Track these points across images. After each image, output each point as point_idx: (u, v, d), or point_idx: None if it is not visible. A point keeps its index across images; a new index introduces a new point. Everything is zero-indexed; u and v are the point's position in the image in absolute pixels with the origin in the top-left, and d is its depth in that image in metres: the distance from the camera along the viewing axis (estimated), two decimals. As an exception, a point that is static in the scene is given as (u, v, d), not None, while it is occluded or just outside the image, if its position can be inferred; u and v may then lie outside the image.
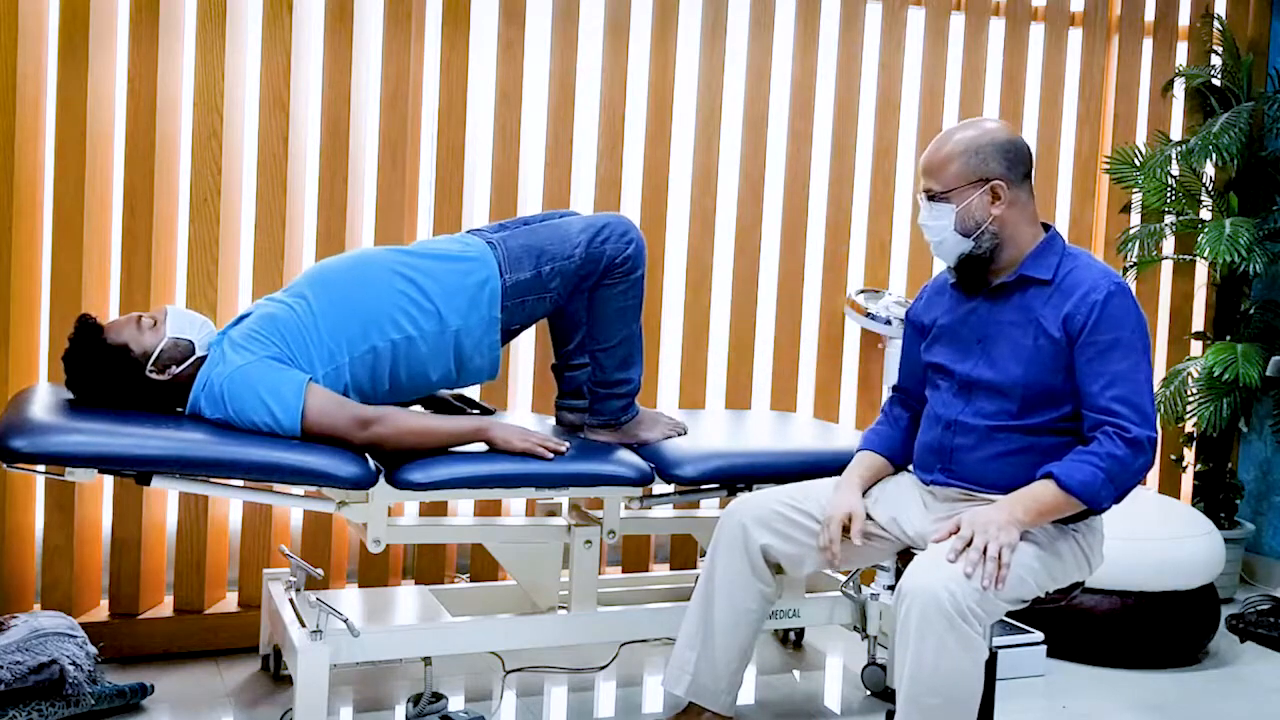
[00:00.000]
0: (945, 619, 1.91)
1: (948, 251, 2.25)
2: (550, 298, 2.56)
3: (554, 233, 2.57)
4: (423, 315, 2.45)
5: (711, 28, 3.40)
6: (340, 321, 2.41)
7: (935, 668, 1.93)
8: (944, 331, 2.34)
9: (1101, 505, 2.09)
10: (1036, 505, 2.07)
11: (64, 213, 2.80)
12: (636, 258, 2.57)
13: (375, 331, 2.42)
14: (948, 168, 2.22)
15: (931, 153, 2.24)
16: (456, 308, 2.47)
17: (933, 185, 2.23)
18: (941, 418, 2.29)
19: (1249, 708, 2.89)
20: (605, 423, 2.67)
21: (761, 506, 2.31)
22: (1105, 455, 2.07)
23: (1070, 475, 2.06)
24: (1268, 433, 4.05)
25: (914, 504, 2.34)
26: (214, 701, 2.67)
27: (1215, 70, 3.97)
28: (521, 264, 2.53)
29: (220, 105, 2.91)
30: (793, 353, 3.56)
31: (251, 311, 2.47)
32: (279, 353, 2.36)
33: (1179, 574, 3.13)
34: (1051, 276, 2.20)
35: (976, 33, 3.71)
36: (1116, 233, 3.93)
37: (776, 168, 3.54)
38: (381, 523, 2.43)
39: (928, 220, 2.24)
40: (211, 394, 2.34)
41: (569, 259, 2.53)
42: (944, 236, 2.23)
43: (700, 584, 2.35)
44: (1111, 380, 2.10)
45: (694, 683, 2.32)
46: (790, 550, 2.30)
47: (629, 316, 2.62)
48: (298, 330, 2.39)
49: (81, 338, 2.35)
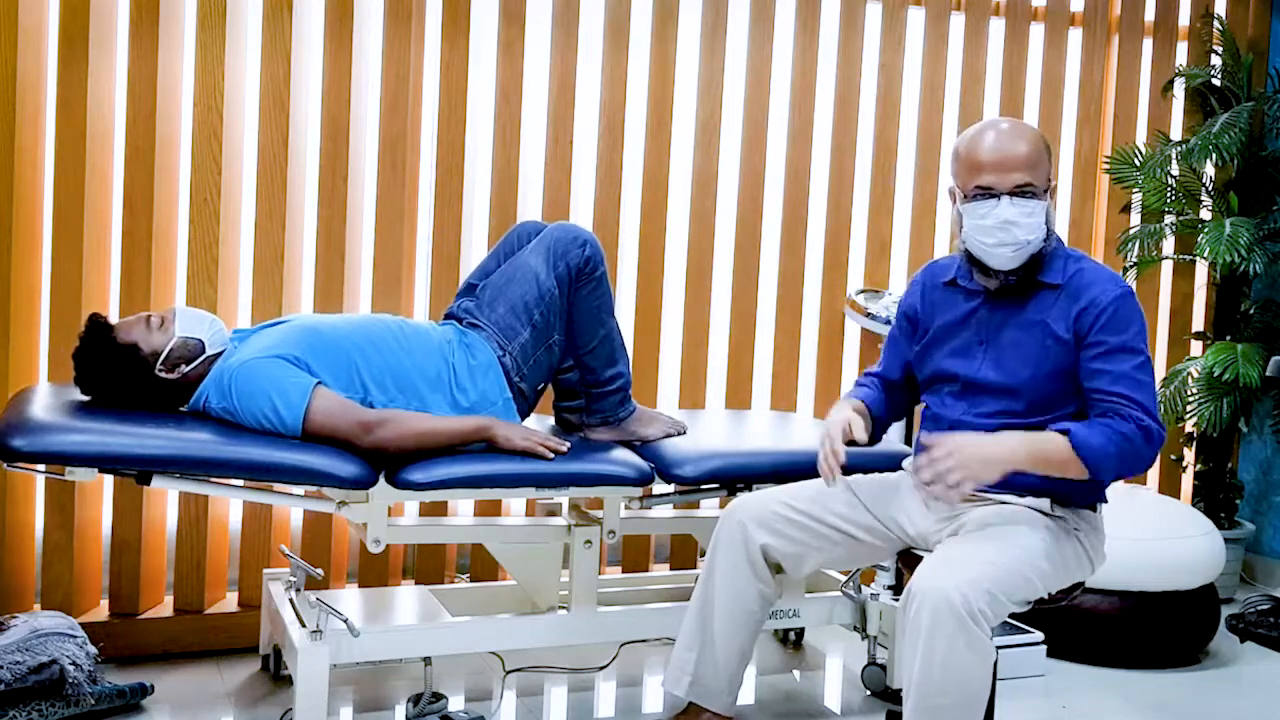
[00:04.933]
0: (956, 619, 1.90)
1: (1027, 253, 2.15)
2: (555, 343, 2.59)
3: (521, 278, 2.58)
4: (445, 400, 2.48)
5: (711, 28, 3.40)
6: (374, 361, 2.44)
7: (945, 668, 1.92)
8: (943, 333, 2.32)
9: (1100, 476, 2.07)
10: (1041, 454, 2.06)
11: (64, 213, 2.80)
12: (595, 258, 2.59)
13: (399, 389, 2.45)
14: (1041, 164, 2.14)
15: (1016, 148, 2.12)
16: (476, 403, 2.50)
17: (1029, 180, 2.11)
18: (943, 419, 2.27)
19: (1249, 708, 2.89)
20: (604, 420, 2.67)
21: (761, 506, 2.31)
22: (1120, 433, 2.06)
23: (1086, 439, 2.05)
24: (1268, 433, 4.05)
25: (914, 504, 2.33)
26: (214, 701, 2.67)
27: (1215, 70, 3.97)
28: (515, 329, 2.55)
29: (220, 105, 2.91)
30: (793, 353, 3.56)
31: (288, 320, 2.51)
32: (299, 358, 2.37)
33: (1179, 574, 3.13)
34: (1061, 280, 2.18)
35: (976, 33, 3.71)
36: (1116, 233, 3.93)
37: (776, 168, 3.53)
38: (381, 523, 2.43)
39: (1021, 218, 2.10)
40: (221, 382, 2.35)
41: (549, 294, 2.55)
42: (1035, 235, 2.13)
43: (700, 585, 2.35)
44: (1121, 377, 2.10)
45: (694, 683, 2.32)
46: (790, 550, 2.29)
47: (603, 314, 2.63)
48: (330, 347, 2.41)
49: (91, 336, 2.37)
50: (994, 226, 2.12)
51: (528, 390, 2.59)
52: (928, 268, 2.43)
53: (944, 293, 2.34)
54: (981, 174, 2.13)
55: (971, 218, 2.15)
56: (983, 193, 2.13)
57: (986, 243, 2.14)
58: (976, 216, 2.14)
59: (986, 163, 2.12)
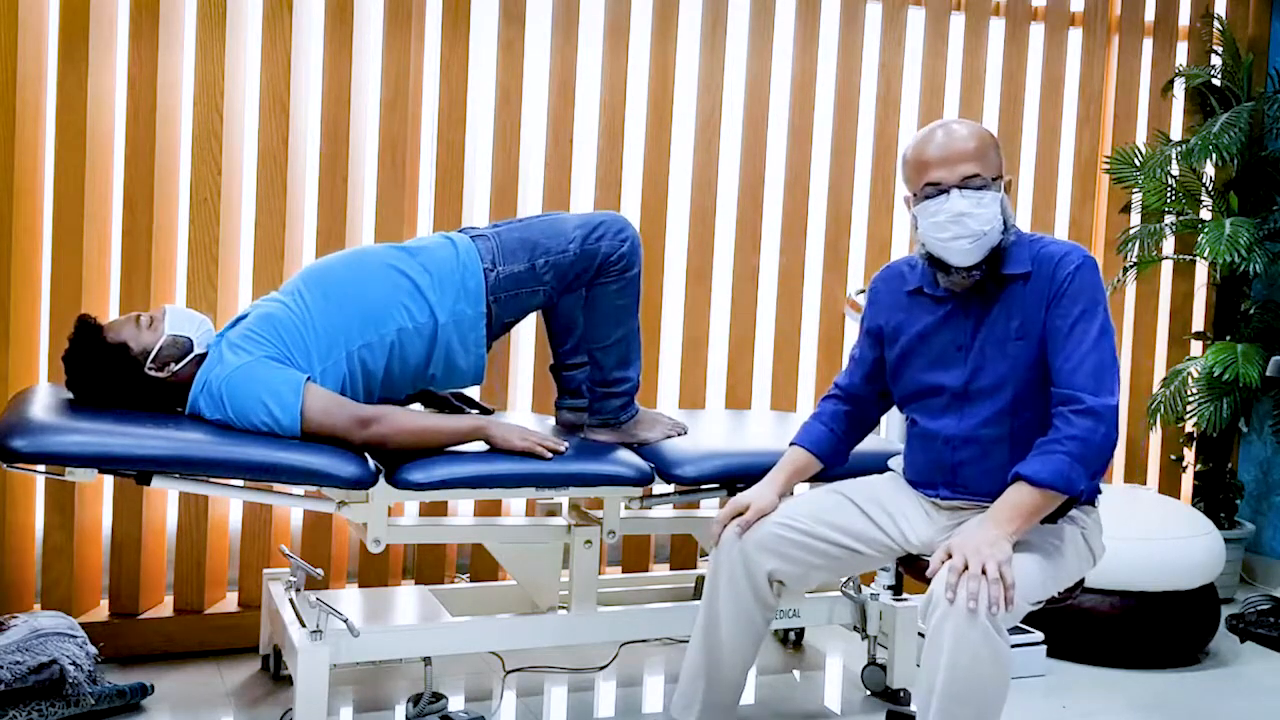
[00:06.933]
0: (980, 629, 1.88)
1: (985, 245, 2.11)
2: (544, 291, 2.56)
3: (549, 227, 2.58)
4: (416, 308, 2.46)
5: (711, 28, 3.40)
6: (337, 315, 2.42)
7: (969, 676, 1.89)
8: (916, 345, 2.26)
9: (1078, 490, 2.03)
10: (1018, 512, 2.01)
11: (64, 213, 2.80)
12: (632, 256, 2.57)
13: (372, 325, 2.43)
14: (989, 156, 2.12)
15: (960, 140, 2.11)
16: (445, 302, 2.48)
17: (976, 170, 2.09)
18: (938, 434, 2.23)
19: (1249, 708, 2.89)
20: (604, 422, 2.67)
21: (759, 530, 2.24)
22: (1065, 439, 2.03)
23: (1038, 471, 2.02)
24: (1268, 433, 4.05)
25: (916, 512, 2.30)
26: (214, 701, 2.67)
27: (1215, 70, 3.97)
28: (515, 256, 2.53)
29: (220, 105, 2.91)
30: (793, 353, 3.56)
31: (249, 313, 2.47)
32: (277, 352, 2.37)
33: (1179, 574, 3.13)
34: (1028, 268, 2.15)
35: (976, 33, 3.71)
36: (1116, 233, 3.93)
37: (776, 167, 3.53)
38: (381, 523, 2.43)
39: (973, 209, 2.08)
40: (210, 395, 2.34)
41: (563, 253, 2.54)
42: (992, 226, 2.10)
43: (703, 612, 2.27)
44: (1075, 352, 2.08)
45: (704, 711, 2.27)
46: (795, 571, 2.24)
47: (626, 315, 2.62)
48: (294, 327, 2.40)
49: (81, 337, 2.36)
50: (947, 220, 2.10)
51: (497, 315, 2.54)
52: (882, 278, 2.37)
53: (909, 302, 2.29)
54: (929, 171, 2.12)
55: (925, 217, 2.13)
56: (933, 189, 2.12)
57: (942, 238, 2.11)
58: (929, 215, 2.12)
59: (932, 159, 2.12)
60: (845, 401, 2.43)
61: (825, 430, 2.41)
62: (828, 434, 2.40)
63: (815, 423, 2.43)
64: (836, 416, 2.42)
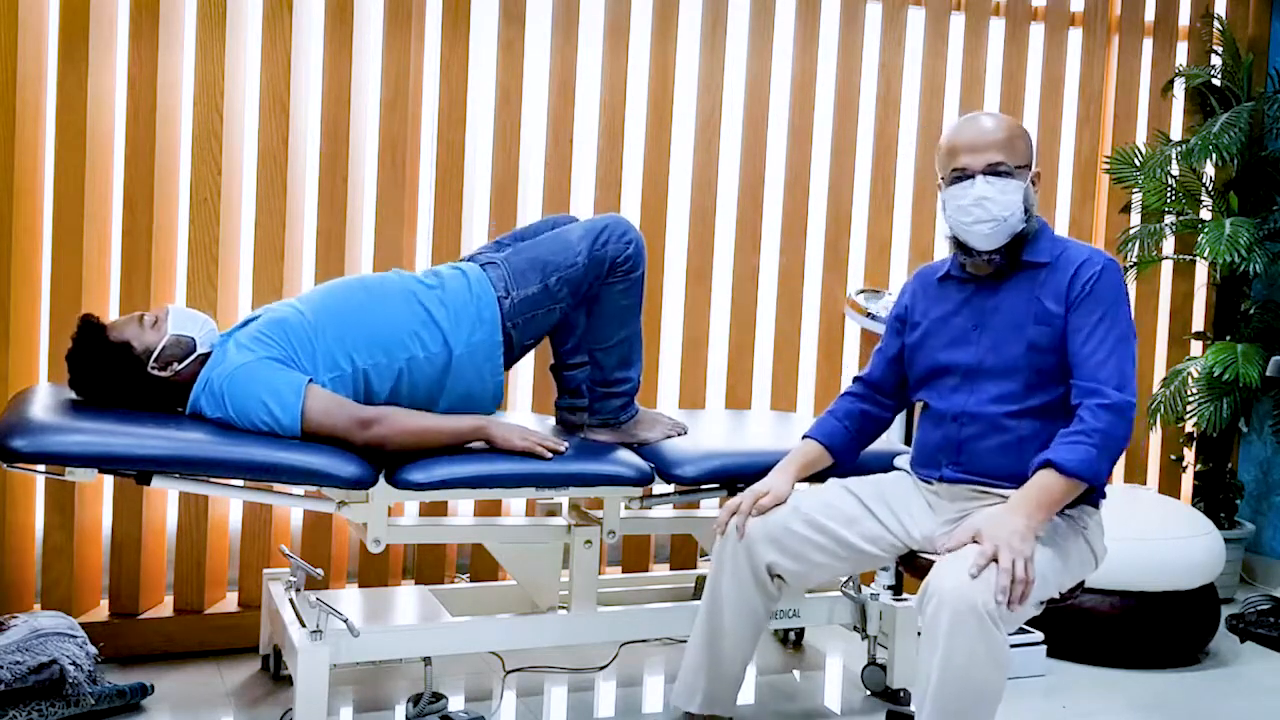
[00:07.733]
0: (977, 622, 1.89)
1: (1007, 231, 2.20)
2: (560, 308, 2.58)
3: (555, 243, 2.59)
4: (430, 338, 2.47)
5: (711, 28, 3.40)
6: (349, 331, 2.43)
7: (965, 671, 1.90)
8: (937, 327, 2.33)
9: (1101, 480, 2.08)
10: (1047, 499, 2.05)
11: (64, 213, 2.80)
12: (636, 257, 2.59)
13: (381, 348, 2.44)
14: (1017, 144, 2.21)
15: (988, 129, 2.20)
16: (460, 334, 2.49)
17: (1004, 159, 2.18)
18: (946, 412, 2.27)
19: (1249, 708, 2.89)
20: (604, 422, 2.67)
21: (764, 522, 2.27)
22: (1091, 430, 2.07)
23: (1068, 459, 2.05)
24: (1268, 433, 4.05)
25: (918, 506, 2.32)
26: (214, 701, 2.67)
27: (1215, 70, 3.97)
28: (527, 279, 2.55)
29: (220, 105, 2.91)
30: (793, 353, 3.56)
31: (260, 314, 2.48)
32: (282, 354, 2.37)
33: (1179, 574, 3.13)
34: (1049, 258, 2.23)
35: (976, 33, 3.71)
36: (1116, 233, 3.93)
37: (776, 167, 3.53)
38: (381, 523, 2.43)
39: (996, 195, 2.17)
40: (212, 393, 2.34)
41: (572, 266, 2.55)
42: (1013, 212, 2.18)
43: (705, 604, 2.31)
44: (1099, 348, 2.13)
45: (705, 700, 2.31)
46: (796, 567, 2.26)
47: (629, 316, 2.63)
48: (305, 335, 2.41)
49: (84, 336, 2.36)
50: (970, 204, 2.19)
51: (517, 340, 2.57)
52: (918, 272, 2.47)
53: (937, 289, 2.37)
54: (958, 157, 2.22)
55: (951, 200, 2.23)
56: (959, 174, 2.21)
57: (965, 221, 2.21)
58: (955, 199, 2.22)
59: (961, 145, 2.22)
60: (862, 398, 2.48)
61: (839, 425, 2.46)
62: (841, 429, 2.45)
63: (830, 418, 2.48)
64: (851, 414, 2.48)
